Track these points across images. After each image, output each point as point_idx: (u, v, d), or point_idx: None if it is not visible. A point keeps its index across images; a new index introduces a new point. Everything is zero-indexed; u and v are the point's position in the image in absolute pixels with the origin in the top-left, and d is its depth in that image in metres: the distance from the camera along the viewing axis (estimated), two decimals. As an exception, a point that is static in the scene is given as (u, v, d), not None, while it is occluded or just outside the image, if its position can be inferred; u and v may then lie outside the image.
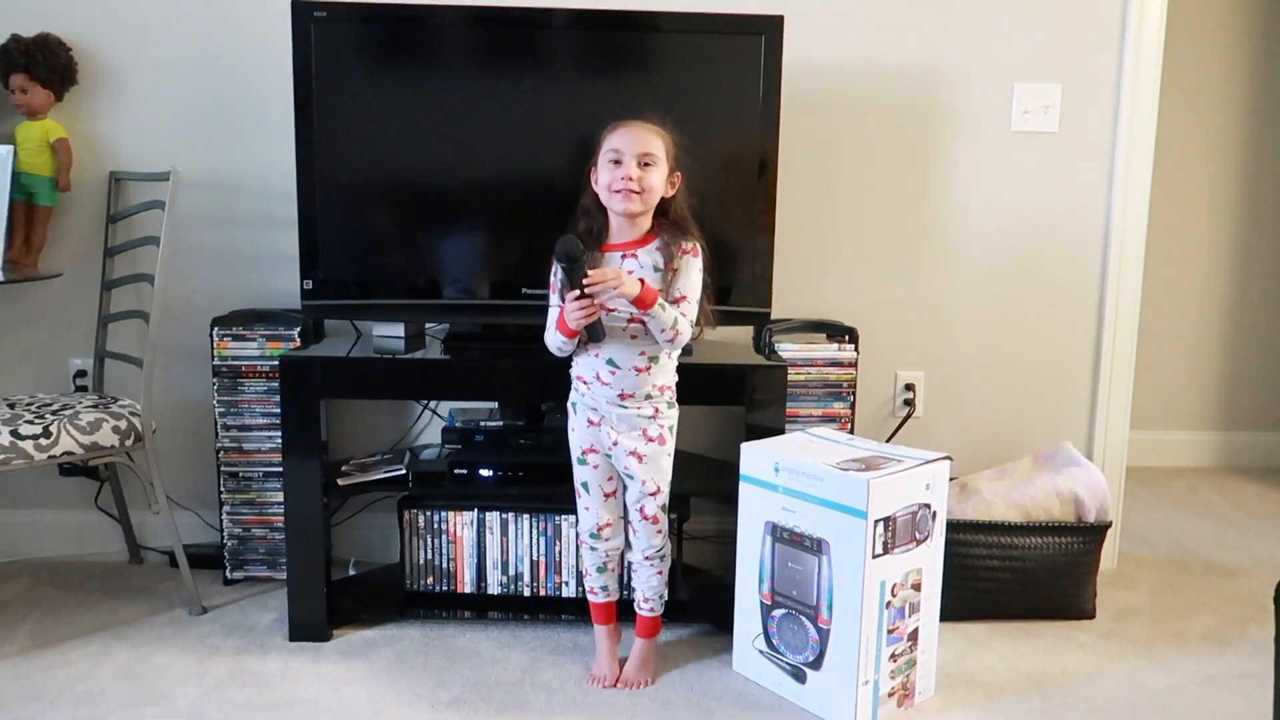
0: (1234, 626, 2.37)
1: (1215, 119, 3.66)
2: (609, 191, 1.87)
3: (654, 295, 1.83)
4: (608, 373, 1.92)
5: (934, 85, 2.60)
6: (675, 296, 1.88)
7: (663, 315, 1.83)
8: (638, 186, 1.84)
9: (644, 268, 1.88)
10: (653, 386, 1.93)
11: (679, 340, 1.87)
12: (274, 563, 2.49)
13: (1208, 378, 3.81)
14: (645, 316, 1.84)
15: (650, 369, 1.91)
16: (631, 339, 1.90)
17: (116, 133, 2.57)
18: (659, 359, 1.92)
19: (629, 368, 1.90)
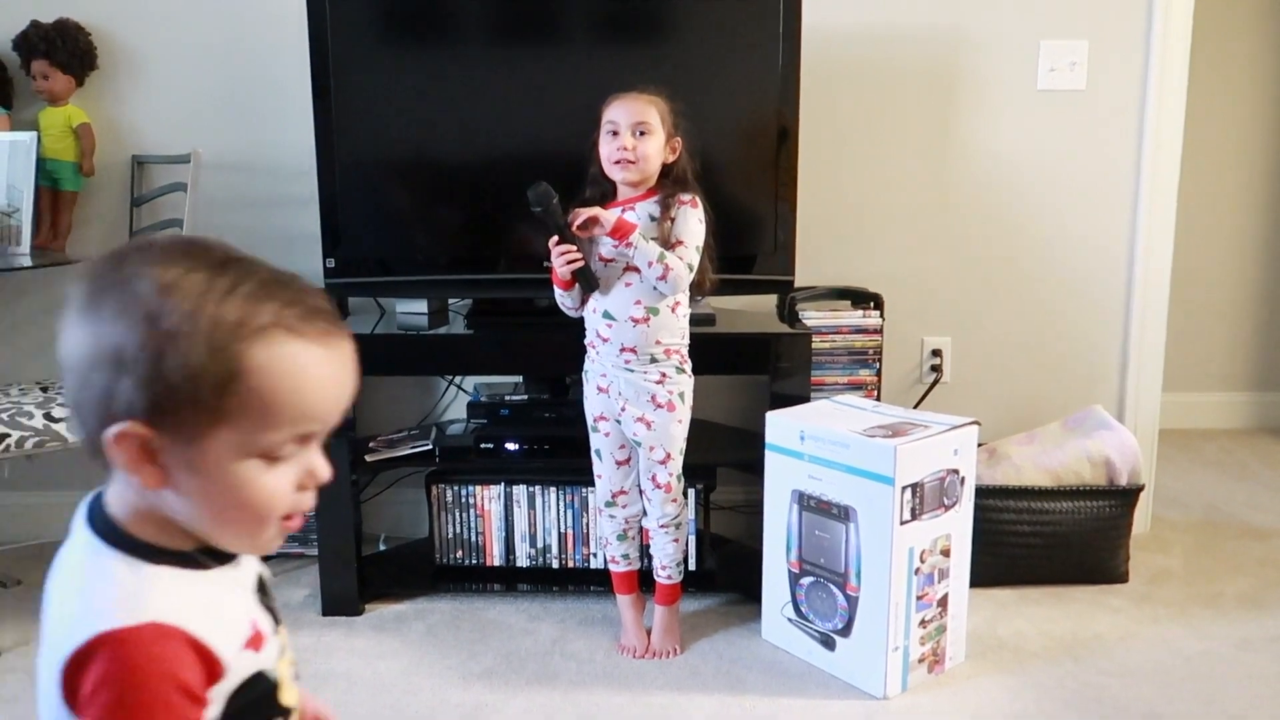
0: (1269, 589, 2.35)
1: (1247, 74, 3.57)
2: (609, 163, 1.89)
3: (631, 226, 1.84)
4: (605, 327, 1.92)
5: (957, 45, 2.55)
6: (672, 242, 1.87)
7: (645, 246, 1.83)
8: (633, 156, 1.86)
9: (640, 217, 1.89)
10: (656, 345, 1.91)
11: (671, 279, 1.85)
12: (305, 540, 2.51)
13: (1241, 338, 3.74)
14: (627, 252, 1.84)
15: (649, 321, 1.90)
16: (626, 286, 1.89)
17: (137, 116, 2.58)
18: (659, 311, 1.90)
19: (625, 319, 1.90)
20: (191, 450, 0.68)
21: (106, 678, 0.65)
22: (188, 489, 0.70)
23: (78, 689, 0.66)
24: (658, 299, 1.90)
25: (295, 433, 0.73)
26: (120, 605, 0.68)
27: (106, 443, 0.67)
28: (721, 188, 2.12)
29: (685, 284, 1.88)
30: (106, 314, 0.68)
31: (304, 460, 0.75)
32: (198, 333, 0.66)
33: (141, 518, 0.72)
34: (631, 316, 1.90)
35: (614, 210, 1.89)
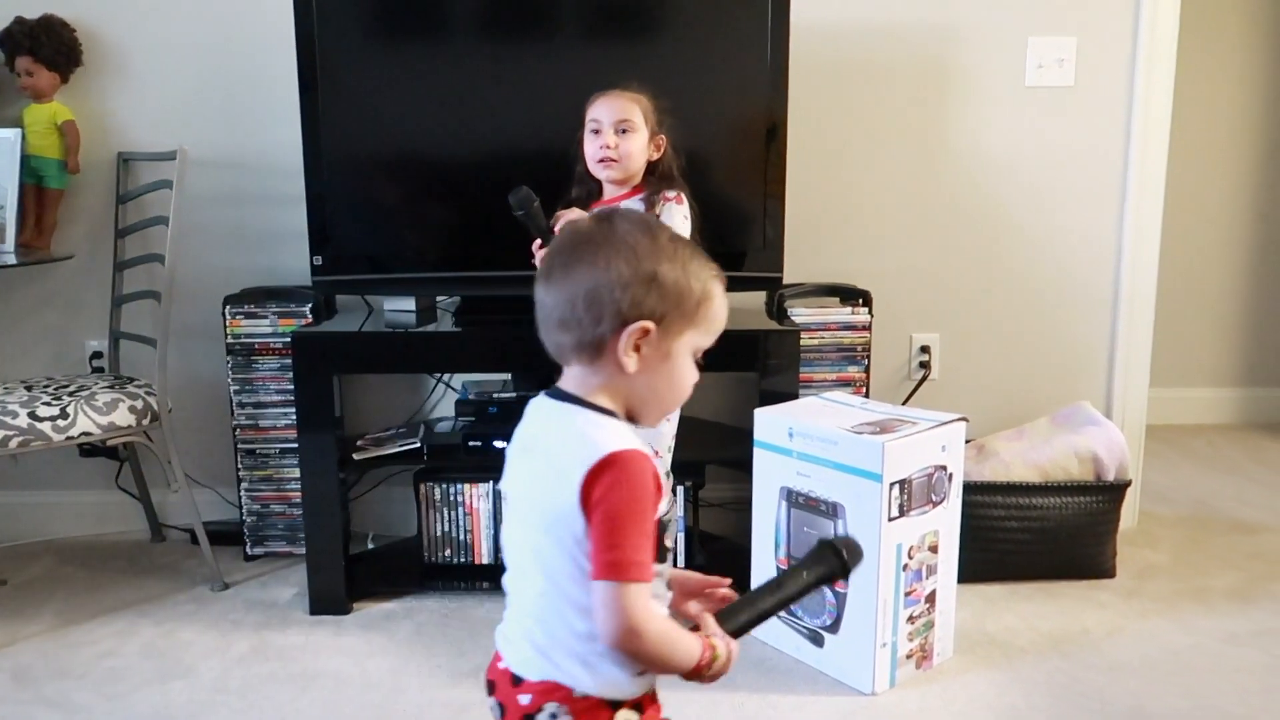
0: (1257, 583, 2.36)
1: (1234, 71, 3.58)
2: (593, 162, 1.89)
3: None
4: None
5: (946, 42, 2.55)
6: None
7: None
8: (616, 154, 1.86)
9: None
10: None
11: None
12: (293, 538, 2.51)
13: (1228, 333, 3.76)
14: None
15: None
16: None
17: (123, 113, 2.56)
18: None
19: None
20: (667, 344, 1.01)
21: (617, 481, 0.95)
22: (651, 372, 1.01)
23: (590, 494, 0.95)
24: None
25: (710, 343, 1.06)
26: (616, 437, 0.98)
27: (622, 337, 0.99)
28: (711, 184, 2.12)
29: None
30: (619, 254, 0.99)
31: None
32: (688, 268, 1.01)
33: (599, 393, 1.03)
34: None
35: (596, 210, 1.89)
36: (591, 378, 1.03)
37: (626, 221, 1.03)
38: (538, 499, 1.01)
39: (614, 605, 0.95)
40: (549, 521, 0.98)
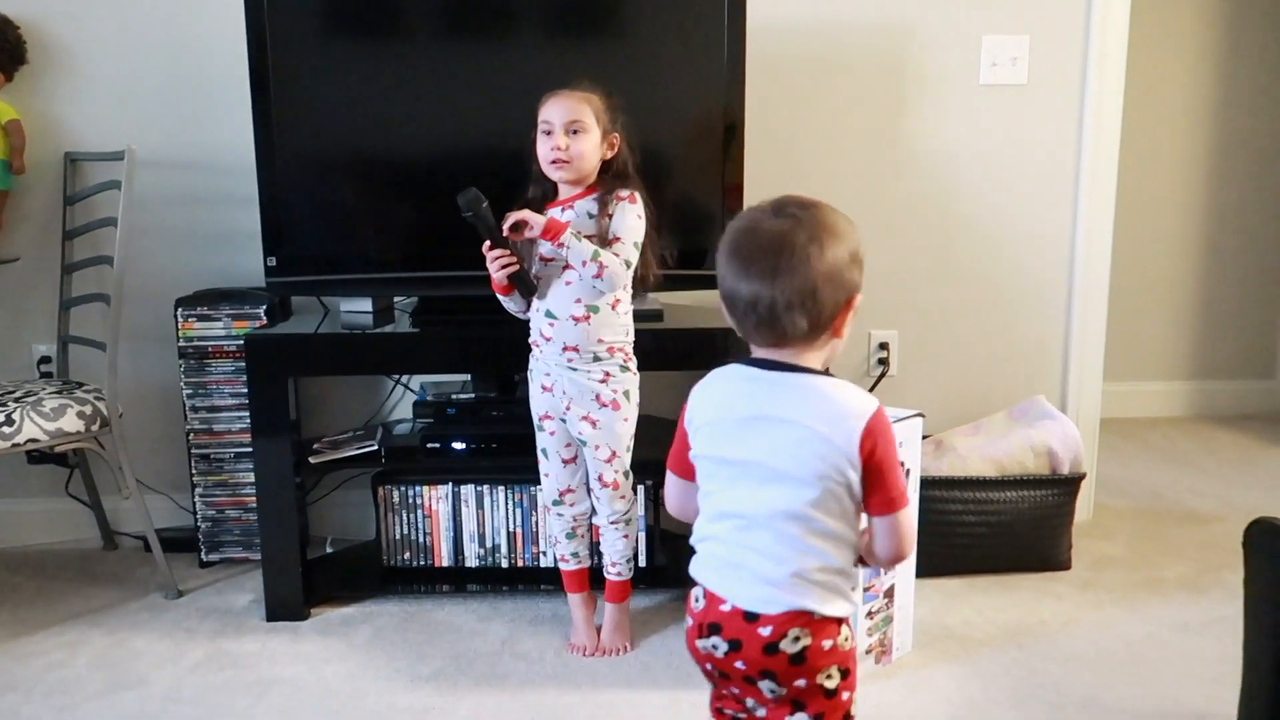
0: (1208, 573, 2.40)
1: (1184, 66, 3.65)
2: (545, 163, 1.88)
3: (562, 226, 1.82)
4: (547, 325, 1.90)
5: (902, 40, 2.57)
6: (610, 239, 1.87)
7: (577, 246, 1.82)
8: (567, 155, 1.85)
9: (579, 216, 1.89)
10: (598, 344, 1.90)
11: (607, 277, 1.84)
12: (249, 544, 2.47)
13: (1180, 328, 3.83)
14: (560, 252, 1.83)
15: (590, 319, 1.89)
16: (566, 285, 1.88)
17: (70, 112, 2.51)
18: (599, 309, 1.89)
19: (566, 317, 1.89)
20: (850, 312, 1.20)
21: (884, 432, 1.17)
22: (839, 338, 1.22)
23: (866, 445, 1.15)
24: (598, 297, 1.88)
25: None
26: (865, 397, 1.18)
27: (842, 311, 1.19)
28: (669, 183, 2.12)
29: (623, 281, 1.88)
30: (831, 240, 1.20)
31: None
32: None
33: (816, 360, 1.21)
34: (572, 315, 1.88)
35: (552, 210, 1.88)
36: (810, 350, 1.20)
37: (805, 208, 1.23)
38: (805, 457, 1.16)
39: (899, 530, 1.20)
40: (820, 473, 1.15)
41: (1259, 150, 3.72)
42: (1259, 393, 3.86)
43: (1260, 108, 3.68)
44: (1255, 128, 3.70)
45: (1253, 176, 3.73)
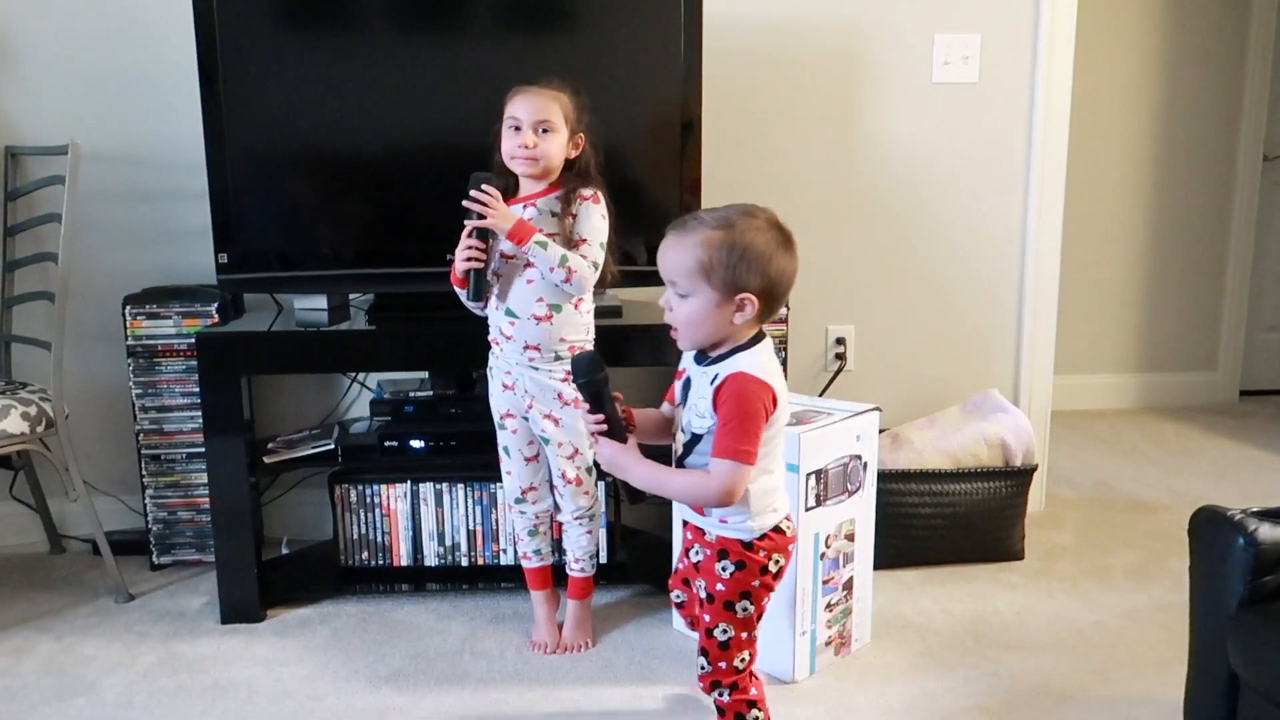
0: (1155, 560, 2.46)
1: (1131, 66, 3.73)
2: (510, 159, 1.87)
3: (529, 231, 1.82)
4: (508, 324, 1.90)
5: (855, 38, 2.60)
6: (575, 240, 1.87)
7: (544, 253, 1.82)
8: (535, 154, 1.84)
9: (541, 214, 1.88)
10: (560, 343, 1.90)
11: (575, 281, 1.84)
12: (203, 545, 2.43)
13: (1127, 322, 3.92)
14: (525, 254, 1.83)
15: (552, 318, 1.88)
16: (528, 284, 1.88)
17: (9, 105, 2.44)
18: (561, 308, 1.89)
19: (527, 316, 1.88)
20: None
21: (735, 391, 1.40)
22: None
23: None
24: (561, 296, 1.88)
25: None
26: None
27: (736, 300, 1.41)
28: (627, 179, 2.12)
29: (591, 283, 1.87)
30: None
31: None
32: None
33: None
34: (534, 314, 1.88)
35: (514, 207, 1.87)
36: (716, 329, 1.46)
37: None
38: None
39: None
40: None
41: (1201, 149, 3.82)
42: (1202, 385, 3.97)
43: (1203, 108, 3.78)
44: (1198, 128, 3.80)
45: (1195, 175, 3.83)
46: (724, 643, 1.51)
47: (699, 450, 1.46)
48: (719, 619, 1.50)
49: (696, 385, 1.46)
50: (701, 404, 1.44)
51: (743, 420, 1.38)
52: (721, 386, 1.40)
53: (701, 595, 1.53)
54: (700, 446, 1.45)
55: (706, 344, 1.45)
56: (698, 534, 1.55)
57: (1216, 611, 1.45)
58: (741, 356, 1.43)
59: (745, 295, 1.40)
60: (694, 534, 1.56)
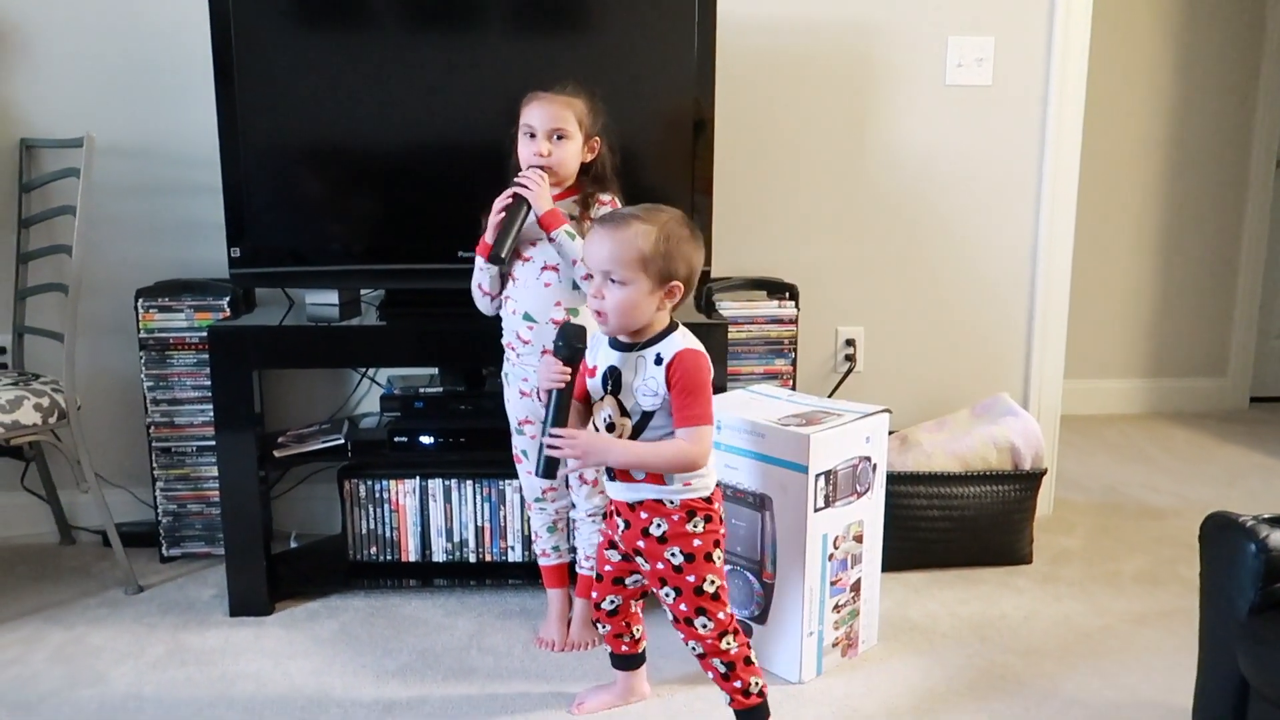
0: (1164, 566, 2.45)
1: (1145, 69, 3.71)
2: (527, 166, 1.87)
3: (560, 220, 1.83)
4: (526, 329, 1.90)
5: (869, 39, 2.59)
6: None
7: (571, 243, 1.82)
8: (549, 162, 1.85)
9: None
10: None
11: None
12: (212, 538, 2.44)
13: (1139, 327, 3.90)
14: (552, 241, 1.83)
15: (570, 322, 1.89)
16: (545, 287, 1.88)
17: (25, 97, 2.45)
18: (579, 312, 1.89)
19: (546, 321, 1.88)
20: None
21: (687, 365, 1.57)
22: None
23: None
24: (579, 299, 1.88)
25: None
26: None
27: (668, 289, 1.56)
28: (639, 179, 2.11)
29: None
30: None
31: None
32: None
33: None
34: (552, 318, 1.88)
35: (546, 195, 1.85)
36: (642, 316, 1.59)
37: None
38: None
39: None
40: None
41: (1214, 154, 3.80)
42: (1212, 391, 3.95)
43: (1216, 112, 3.76)
44: (1211, 132, 3.78)
45: (1208, 180, 3.82)
46: (714, 593, 1.63)
47: (653, 426, 1.60)
48: (704, 572, 1.62)
49: (635, 370, 1.59)
50: (651, 383, 1.58)
51: (700, 389, 1.55)
52: (672, 364, 1.55)
53: (676, 562, 1.62)
54: (654, 422, 1.59)
55: (633, 329, 1.58)
56: (655, 509, 1.62)
57: (1226, 618, 1.45)
58: (676, 337, 1.59)
59: (675, 283, 1.56)
60: (649, 511, 1.62)
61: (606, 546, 1.74)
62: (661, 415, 1.58)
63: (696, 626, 1.63)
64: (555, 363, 1.61)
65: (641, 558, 1.66)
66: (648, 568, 1.66)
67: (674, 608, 1.65)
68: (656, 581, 1.65)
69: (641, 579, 1.73)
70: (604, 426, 1.63)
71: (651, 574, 1.66)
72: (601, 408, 1.64)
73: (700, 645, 1.65)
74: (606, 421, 1.63)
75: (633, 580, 1.74)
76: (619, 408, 1.61)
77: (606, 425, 1.63)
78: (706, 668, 1.67)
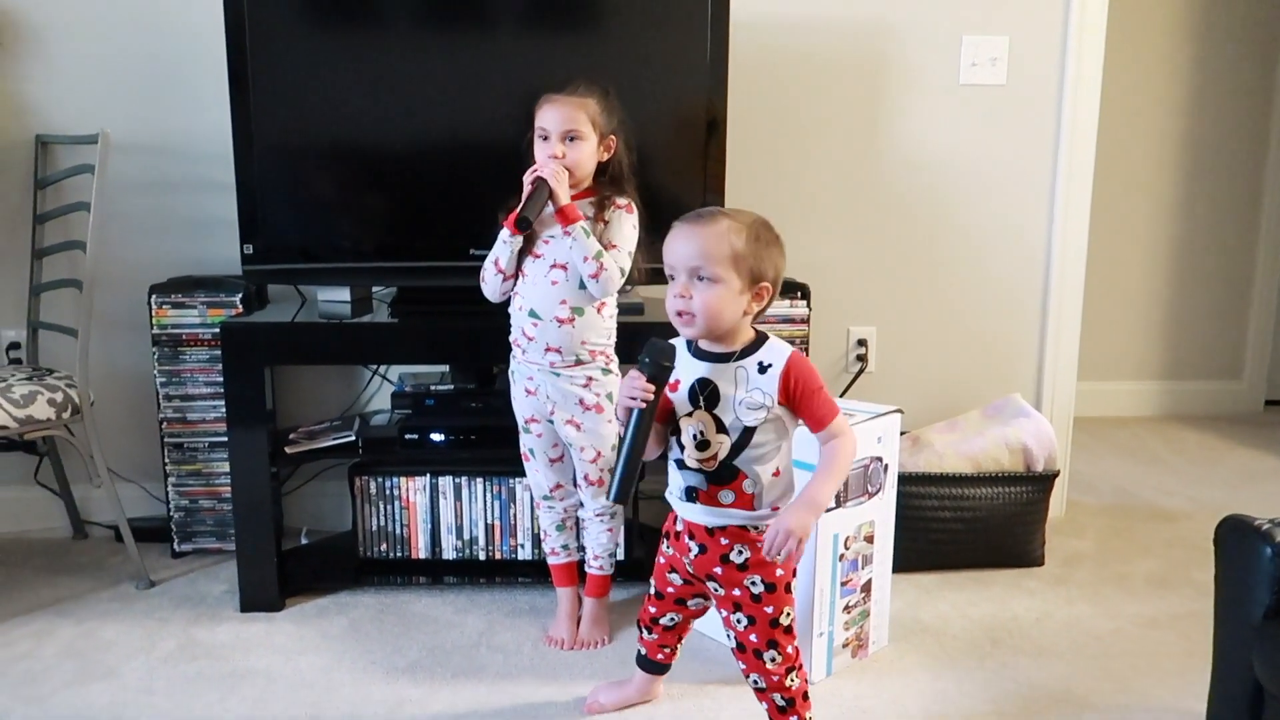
0: (1176, 569, 2.44)
1: (1160, 70, 3.69)
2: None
3: (578, 215, 1.83)
4: (531, 325, 1.90)
5: (883, 39, 2.59)
6: (605, 244, 1.87)
7: (585, 240, 1.82)
8: (564, 164, 1.84)
9: None
10: (582, 346, 1.90)
11: (603, 280, 1.84)
12: (223, 534, 2.45)
13: (1152, 329, 3.88)
14: (568, 235, 1.82)
15: (575, 321, 1.88)
16: (552, 285, 1.87)
17: (41, 94, 2.46)
18: (584, 311, 1.89)
19: (550, 319, 1.88)
20: None
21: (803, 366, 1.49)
22: None
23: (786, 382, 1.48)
24: (585, 299, 1.88)
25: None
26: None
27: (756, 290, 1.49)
28: (651, 178, 2.11)
29: (615, 288, 1.88)
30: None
31: None
32: None
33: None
34: (557, 316, 1.88)
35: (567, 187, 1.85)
36: (734, 319, 1.53)
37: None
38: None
39: None
40: None
41: (1230, 155, 3.77)
42: (1226, 394, 3.92)
43: (1232, 112, 3.74)
44: (1227, 133, 3.76)
45: (1223, 181, 3.79)
46: (788, 626, 1.55)
47: (754, 444, 1.48)
48: (783, 604, 1.54)
49: (736, 382, 1.48)
50: (757, 395, 1.47)
51: (821, 385, 1.49)
52: (787, 372, 1.47)
53: (756, 591, 1.53)
54: (756, 439, 1.48)
55: (719, 332, 1.48)
56: (739, 535, 1.53)
57: (1241, 622, 1.44)
58: (776, 342, 1.51)
59: (764, 284, 1.47)
60: (731, 538, 1.53)
61: (668, 570, 1.64)
62: (764, 431, 1.48)
63: (765, 660, 1.55)
64: (640, 379, 1.47)
65: (716, 583, 1.57)
66: (721, 593, 1.57)
67: (743, 637, 1.56)
68: (729, 607, 1.56)
69: (705, 601, 1.67)
70: (693, 445, 1.51)
71: (725, 599, 1.57)
72: (690, 424, 1.50)
73: (764, 680, 1.57)
74: (697, 439, 1.50)
75: (695, 602, 1.67)
76: (715, 423, 1.49)
77: (698, 443, 1.50)
78: (763, 699, 1.59)
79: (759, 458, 1.48)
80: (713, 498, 1.51)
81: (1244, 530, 1.44)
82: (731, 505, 1.51)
